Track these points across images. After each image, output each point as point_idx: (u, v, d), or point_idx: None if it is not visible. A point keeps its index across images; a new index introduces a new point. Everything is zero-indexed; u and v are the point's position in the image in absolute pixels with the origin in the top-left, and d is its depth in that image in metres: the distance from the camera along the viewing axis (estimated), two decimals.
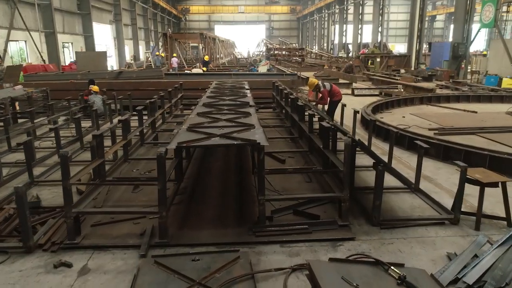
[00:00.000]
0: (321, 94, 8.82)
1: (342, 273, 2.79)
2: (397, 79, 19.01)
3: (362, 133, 8.73)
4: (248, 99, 7.06)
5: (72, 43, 26.24)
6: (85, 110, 10.44)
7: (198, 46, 35.06)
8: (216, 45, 34.91)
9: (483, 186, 4.11)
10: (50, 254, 3.67)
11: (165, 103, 9.28)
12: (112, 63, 32.03)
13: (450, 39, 32.41)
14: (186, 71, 20.68)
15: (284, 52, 35.16)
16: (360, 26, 37.69)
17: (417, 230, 4.15)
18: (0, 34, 18.41)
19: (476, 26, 21.25)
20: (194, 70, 20.74)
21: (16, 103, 10.35)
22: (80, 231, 3.97)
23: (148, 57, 31.74)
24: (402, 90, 15.60)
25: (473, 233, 4.08)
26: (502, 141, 7.68)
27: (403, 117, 10.59)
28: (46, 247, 3.74)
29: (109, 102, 9.86)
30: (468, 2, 19.67)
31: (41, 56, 20.83)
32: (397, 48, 45.75)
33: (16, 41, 20.09)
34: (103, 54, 22.22)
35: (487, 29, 29.80)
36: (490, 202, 4.66)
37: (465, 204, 4.49)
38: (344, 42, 41.99)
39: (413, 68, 23.79)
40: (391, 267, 2.85)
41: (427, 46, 31.06)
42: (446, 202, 4.76)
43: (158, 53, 29.05)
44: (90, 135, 6.65)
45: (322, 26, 52.09)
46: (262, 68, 24.79)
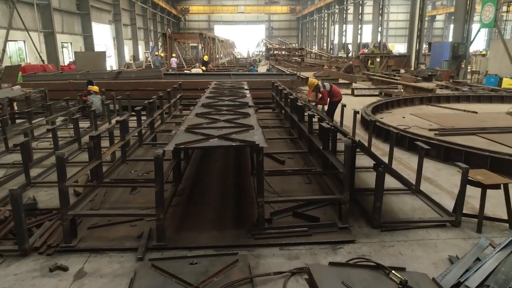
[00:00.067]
0: (320, 95, 8.77)
1: (342, 277, 2.75)
2: (397, 79, 18.96)
3: (362, 133, 8.68)
4: (247, 100, 7.01)
5: (71, 43, 26.17)
6: (83, 110, 10.40)
7: (198, 46, 34.99)
8: (215, 45, 34.86)
9: (485, 188, 4.05)
10: (46, 257, 3.62)
11: (164, 104, 9.24)
12: (111, 63, 31.98)
13: (450, 39, 32.39)
14: (185, 71, 20.62)
15: (283, 52, 35.14)
16: (359, 26, 37.62)
17: (418, 233, 4.10)
18: None
19: (476, 26, 21.22)
20: (194, 70, 20.70)
21: (14, 104, 10.30)
22: (76, 234, 3.91)
23: (147, 57, 31.67)
24: (402, 90, 15.54)
25: (475, 235, 4.03)
26: (503, 141, 7.63)
27: (403, 117, 10.55)
28: (41, 250, 3.69)
29: (107, 102, 9.80)
30: (468, 2, 19.64)
31: (40, 56, 20.76)
32: (396, 48, 45.74)
33: (14, 41, 20.01)
34: (102, 54, 22.13)
35: (487, 29, 29.74)
36: (491, 204, 4.61)
37: (466, 206, 4.43)
38: (343, 42, 41.92)
39: (413, 68, 23.74)
40: (392, 271, 2.81)
41: (427, 46, 31.02)
42: (447, 203, 4.71)
43: (157, 53, 28.98)
44: (88, 136, 6.59)
45: (322, 26, 52.03)
46: (262, 68, 24.73)
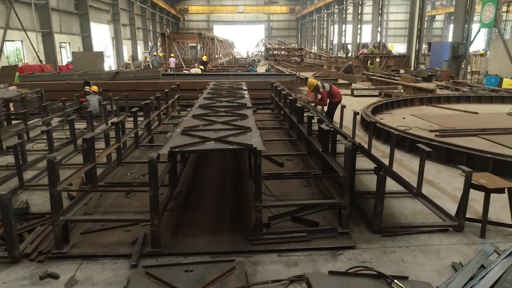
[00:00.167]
0: (320, 95, 8.67)
1: (342, 287, 2.65)
2: (396, 80, 18.86)
3: (362, 134, 8.58)
4: (245, 101, 6.90)
5: (69, 43, 26.04)
6: (80, 111, 10.29)
7: (197, 46, 34.88)
8: (214, 45, 34.75)
9: (489, 192, 3.95)
10: (36, 264, 3.51)
11: (161, 104, 9.13)
12: (110, 64, 31.87)
13: (449, 39, 32.32)
14: (184, 71, 20.50)
15: (283, 52, 34.99)
16: (359, 26, 37.52)
17: (420, 238, 3.99)
18: None
19: (476, 26, 21.13)
20: (193, 70, 20.55)
21: (10, 104, 10.18)
22: (68, 240, 3.80)
23: (146, 57, 31.54)
24: (402, 91, 15.44)
25: (478, 240, 3.92)
26: (505, 143, 7.52)
27: (404, 118, 10.44)
28: (32, 257, 3.58)
29: (104, 103, 9.69)
30: (468, 2, 19.55)
31: (37, 56, 20.63)
32: (396, 48, 45.72)
33: (12, 41, 19.88)
34: (100, 54, 22.01)
35: (486, 29, 29.66)
36: (495, 207, 4.50)
37: (469, 209, 4.33)
38: (343, 42, 41.82)
39: (412, 68, 23.64)
40: (394, 281, 2.71)
41: (427, 46, 30.93)
42: (449, 207, 4.62)
43: (156, 53, 28.86)
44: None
45: (321, 26, 51.92)
46: (261, 68, 24.60)
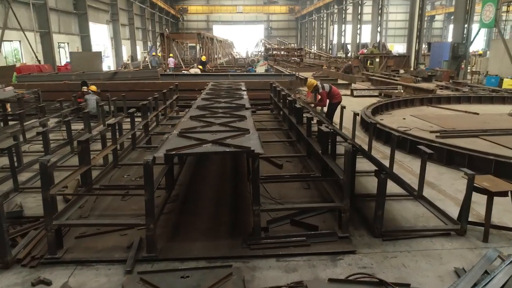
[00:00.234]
0: (320, 96, 8.59)
1: None
2: (396, 80, 18.78)
3: (362, 135, 8.50)
4: (244, 101, 6.81)
5: (68, 43, 25.95)
6: (77, 112, 10.19)
7: (196, 46, 34.80)
8: (214, 45, 34.65)
9: (492, 196, 3.86)
10: (29, 270, 3.41)
11: (159, 105, 9.04)
12: (109, 64, 31.77)
13: (449, 39, 32.24)
14: (183, 72, 20.41)
15: (282, 52, 34.90)
16: (359, 26, 37.44)
17: (421, 242, 3.91)
18: None
19: (476, 26, 21.06)
20: (192, 71, 20.45)
21: (7, 105, 10.08)
22: (62, 244, 3.71)
23: (145, 57, 31.45)
24: (402, 91, 15.36)
25: (481, 245, 3.84)
26: (506, 144, 7.44)
27: (404, 118, 10.36)
28: (25, 262, 3.49)
29: (102, 103, 9.59)
30: (468, 2, 19.48)
31: (36, 56, 20.53)
32: (396, 48, 45.68)
33: (10, 41, 19.79)
34: (98, 55, 21.93)
35: (486, 29, 29.58)
36: (497, 210, 4.40)
37: (471, 212, 4.24)
38: (343, 42, 41.75)
39: (412, 68, 23.57)
40: None
41: (426, 46, 30.86)
42: (451, 210, 4.53)
43: (154, 53, 28.76)
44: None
45: (321, 26, 51.86)
46: (260, 68, 24.51)
